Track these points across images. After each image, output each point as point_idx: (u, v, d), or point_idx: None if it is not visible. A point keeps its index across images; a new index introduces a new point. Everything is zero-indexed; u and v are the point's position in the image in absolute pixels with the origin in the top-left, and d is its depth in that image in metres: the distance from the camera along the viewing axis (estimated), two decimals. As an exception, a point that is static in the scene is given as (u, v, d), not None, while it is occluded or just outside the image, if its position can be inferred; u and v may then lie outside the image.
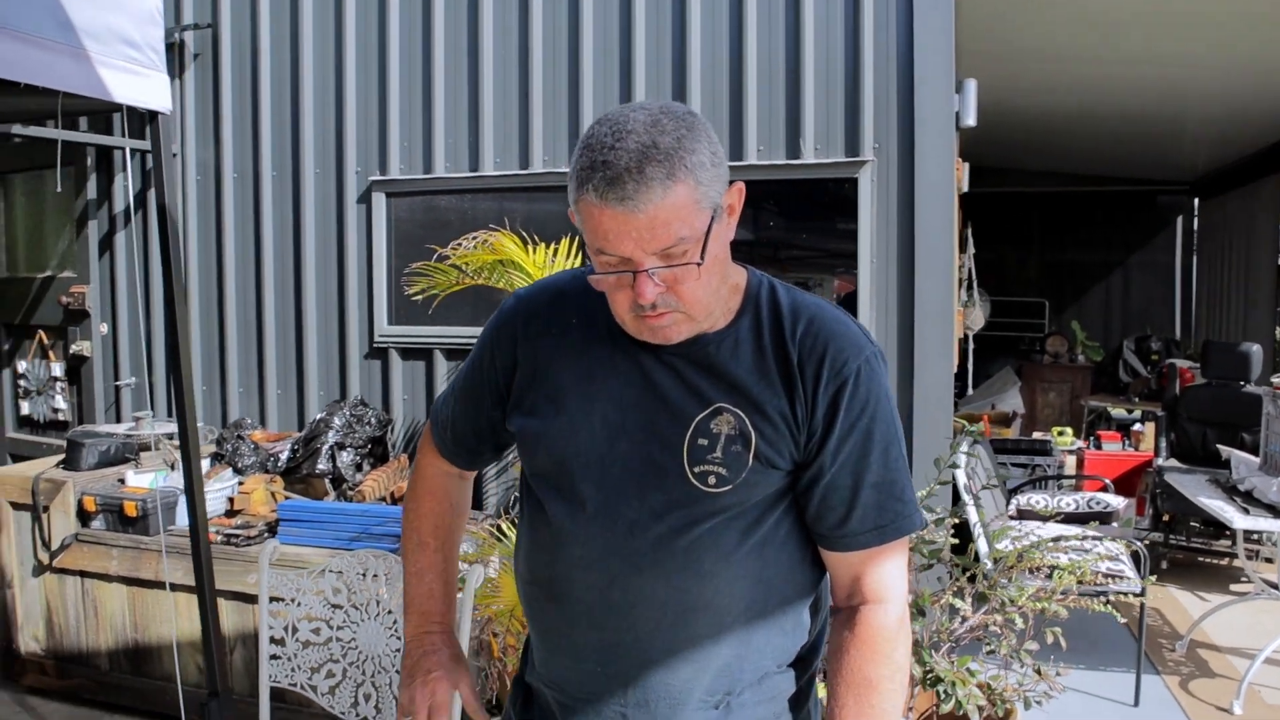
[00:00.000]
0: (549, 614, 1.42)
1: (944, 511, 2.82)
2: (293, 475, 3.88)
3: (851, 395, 1.32)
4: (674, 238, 1.22)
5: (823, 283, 3.92)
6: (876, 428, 1.34)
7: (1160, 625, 4.72)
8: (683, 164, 1.20)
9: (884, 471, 1.34)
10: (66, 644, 3.84)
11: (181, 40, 4.54)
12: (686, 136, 1.22)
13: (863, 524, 1.34)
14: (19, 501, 3.86)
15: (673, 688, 1.36)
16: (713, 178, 1.24)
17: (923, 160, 3.65)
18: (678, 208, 1.21)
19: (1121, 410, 7.66)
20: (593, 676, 1.38)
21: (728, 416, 1.32)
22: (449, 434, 1.60)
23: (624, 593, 1.34)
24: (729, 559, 1.33)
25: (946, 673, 2.41)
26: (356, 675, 2.48)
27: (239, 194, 4.53)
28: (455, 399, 1.58)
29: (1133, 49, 5.23)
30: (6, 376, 4.97)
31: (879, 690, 1.33)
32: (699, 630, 1.34)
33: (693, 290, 1.27)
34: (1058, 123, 7.23)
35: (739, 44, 3.82)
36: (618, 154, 1.19)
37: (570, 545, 1.37)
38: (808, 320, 1.36)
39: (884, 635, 1.34)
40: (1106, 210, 9.88)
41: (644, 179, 1.18)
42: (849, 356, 1.33)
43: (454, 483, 1.67)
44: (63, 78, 2.32)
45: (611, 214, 1.21)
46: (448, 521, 1.66)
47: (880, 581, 1.37)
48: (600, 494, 1.35)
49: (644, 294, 1.24)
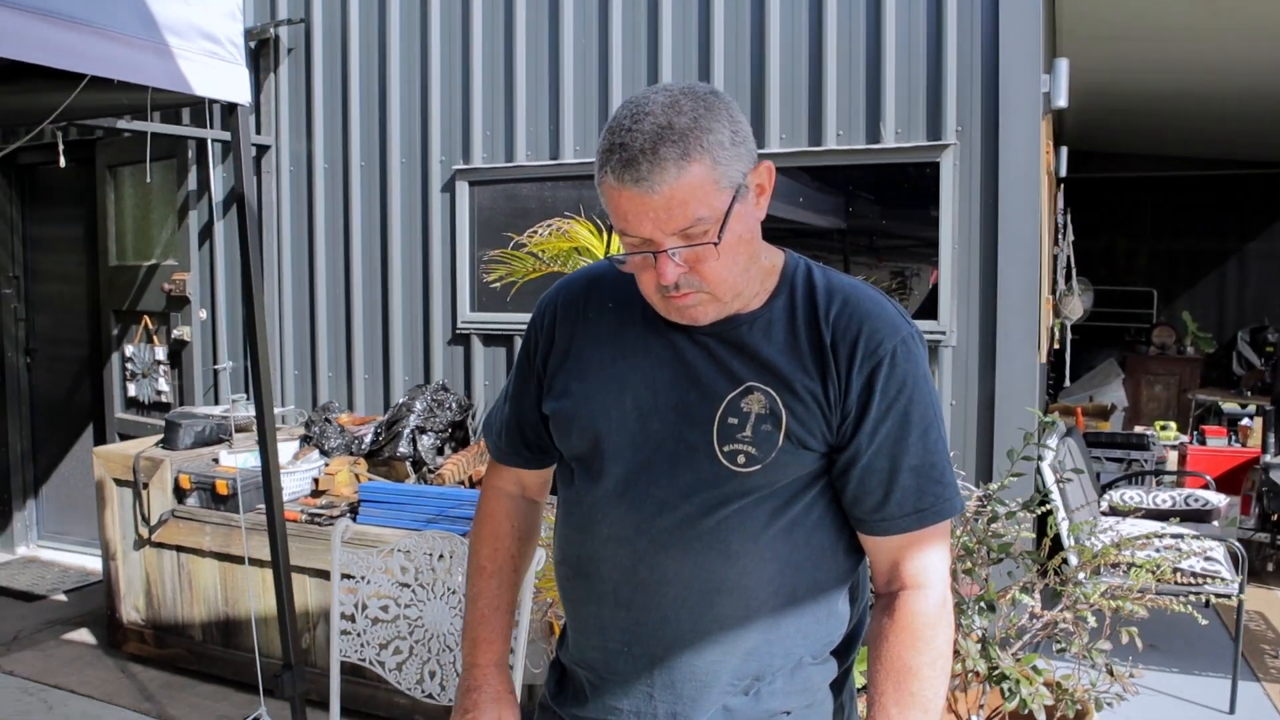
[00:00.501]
0: (579, 592, 1.44)
1: (1017, 505, 2.73)
2: (375, 458, 3.99)
3: (888, 376, 1.30)
4: (692, 218, 1.21)
5: (905, 269, 3.84)
6: (914, 409, 1.31)
7: (1263, 630, 4.50)
8: (698, 144, 1.20)
9: (923, 454, 1.32)
10: (164, 615, 4.03)
11: (276, 35, 4.69)
12: (704, 116, 1.21)
13: (901, 508, 1.32)
14: (121, 478, 4.07)
15: (699, 669, 1.35)
16: (733, 157, 1.23)
17: (1008, 143, 3.54)
18: (694, 187, 1.20)
19: (1233, 404, 7.32)
20: (619, 655, 1.39)
21: (759, 395, 1.31)
22: (503, 438, 1.59)
23: (651, 571, 1.34)
24: (756, 540, 1.33)
25: (1011, 670, 2.35)
26: (422, 653, 2.54)
27: (329, 184, 4.66)
28: (507, 402, 1.59)
29: (1247, 22, 4.97)
30: (115, 360, 5.23)
31: (919, 677, 1.30)
32: (725, 611, 1.34)
33: (715, 270, 1.26)
34: (1169, 104, 6.94)
35: (818, 25, 3.76)
36: (633, 135, 1.20)
37: (600, 524, 1.38)
38: (842, 300, 1.34)
39: (924, 621, 1.32)
40: (1222, 194, 9.43)
41: (658, 159, 1.19)
42: (884, 336, 1.31)
43: (517, 505, 1.64)
44: (147, 73, 2.42)
45: (629, 195, 1.21)
46: (506, 546, 1.61)
47: (920, 566, 1.34)
48: (630, 473, 1.36)
49: (665, 274, 1.24)
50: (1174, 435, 5.99)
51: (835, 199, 3.92)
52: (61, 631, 4.53)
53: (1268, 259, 9.44)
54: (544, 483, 1.65)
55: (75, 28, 2.20)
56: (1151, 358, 8.69)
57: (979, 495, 2.77)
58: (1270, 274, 9.43)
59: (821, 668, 1.41)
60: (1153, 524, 3.75)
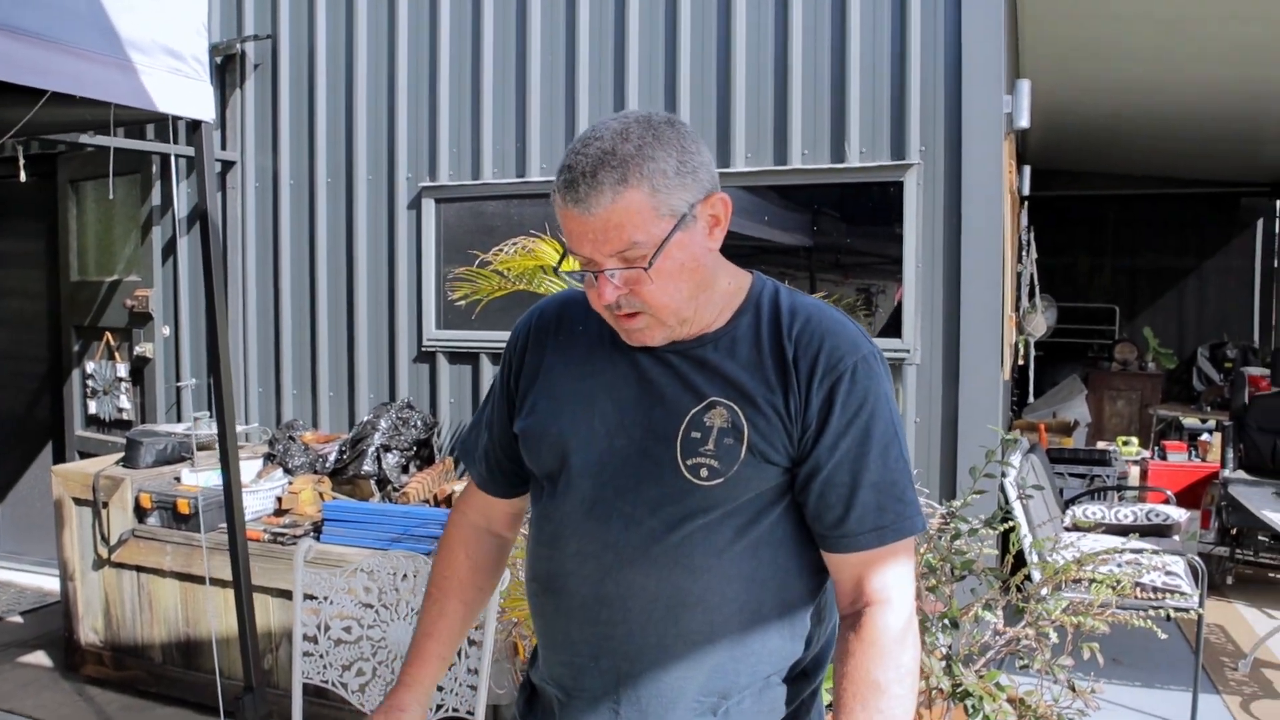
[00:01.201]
0: (548, 608, 1.44)
1: (979, 522, 2.75)
2: (340, 476, 3.95)
3: (849, 391, 1.32)
4: (627, 241, 1.25)
5: (870, 286, 3.87)
6: (875, 426, 1.33)
7: (1223, 643, 4.56)
8: (638, 171, 1.24)
9: (884, 471, 1.33)
10: (123, 636, 3.97)
11: (243, 51, 4.67)
12: (650, 145, 1.26)
13: (862, 524, 1.33)
14: (81, 497, 4.00)
15: (665, 685, 1.36)
16: (676, 186, 1.27)
17: (971, 163, 3.59)
18: (630, 212, 1.24)
19: (1194, 420, 7.42)
20: (587, 671, 1.40)
21: (721, 409, 1.34)
22: (483, 464, 1.60)
23: (616, 586, 1.35)
24: (720, 556, 1.34)
25: (975, 687, 2.36)
26: (386, 674, 2.52)
27: (295, 200, 4.64)
28: (484, 427, 1.60)
29: (1206, 46, 5.07)
30: (76, 377, 5.16)
31: (886, 694, 1.30)
32: (690, 626, 1.35)
33: (653, 295, 1.30)
34: (1130, 124, 7.05)
35: (784, 46, 3.80)
36: (579, 159, 1.25)
37: (568, 540, 1.40)
38: (805, 318, 1.37)
39: (890, 637, 1.32)
40: (1183, 213, 9.59)
41: (596, 183, 1.24)
42: (845, 352, 1.34)
43: (477, 535, 1.64)
44: (111, 89, 2.41)
45: (571, 215, 1.27)
46: (459, 577, 1.61)
47: (884, 583, 1.35)
48: (597, 489, 1.38)
49: (603, 294, 1.29)
50: (1136, 450, 6.07)
51: (801, 217, 3.95)
52: (17, 654, 4.44)
53: (1225, 275, 9.61)
54: (514, 516, 1.66)
55: (38, 43, 2.18)
56: (1114, 374, 8.80)
57: (942, 513, 2.79)
58: (1228, 291, 9.60)
59: (790, 688, 1.41)
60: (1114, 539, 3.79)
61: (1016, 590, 2.66)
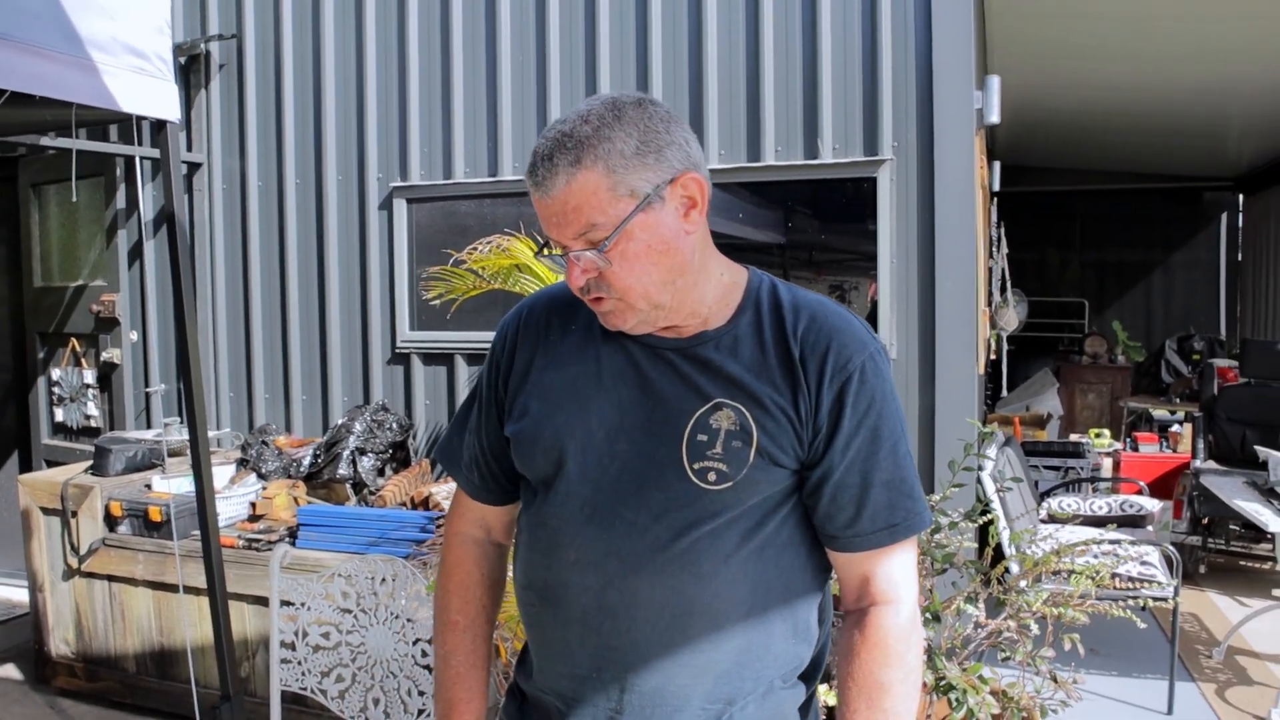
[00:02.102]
0: (544, 619, 1.40)
1: (959, 516, 2.76)
2: (314, 480, 3.91)
3: (858, 392, 1.30)
4: (585, 223, 1.24)
5: (844, 283, 3.88)
6: (884, 425, 1.32)
7: (1197, 631, 4.61)
8: (591, 151, 1.22)
9: (894, 469, 1.32)
10: (95, 647, 3.90)
11: (207, 51, 4.60)
12: (609, 126, 1.24)
13: (874, 523, 1.31)
14: (49, 507, 3.93)
15: (669, 694, 1.33)
16: (635, 166, 1.24)
17: (943, 159, 3.60)
18: (584, 193, 1.23)
19: (1163, 411, 7.50)
20: (588, 682, 1.36)
21: (728, 412, 1.30)
22: (474, 472, 1.53)
23: (620, 595, 1.31)
24: (728, 561, 1.31)
25: (958, 680, 2.36)
26: (366, 680, 2.49)
27: (264, 202, 4.58)
28: (471, 433, 1.53)
29: (1169, 44, 5.12)
30: (41, 384, 5.07)
31: (891, 693, 1.29)
32: (697, 634, 1.31)
33: (619, 278, 1.27)
34: (1096, 120, 7.11)
35: (755, 43, 3.79)
36: (541, 143, 1.26)
37: (567, 548, 1.35)
38: (810, 316, 1.34)
39: (896, 636, 1.31)
40: (1148, 208, 9.70)
41: (551, 165, 1.23)
42: (853, 352, 1.31)
43: (484, 551, 1.56)
44: (72, 89, 2.36)
45: (536, 199, 1.27)
46: (477, 597, 1.53)
47: (891, 581, 1.34)
48: (598, 495, 1.33)
49: (570, 278, 1.28)
50: (1108, 443, 6.12)
51: (774, 214, 3.95)
52: (-14, 667, 4.37)
53: (1191, 269, 9.73)
54: (510, 523, 1.59)
55: (-5, 42, 2.13)
56: (1084, 367, 8.89)
57: (922, 506, 2.79)
58: (1194, 284, 9.72)
59: (791, 692, 1.39)
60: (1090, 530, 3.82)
61: (997, 583, 2.67)
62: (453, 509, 1.59)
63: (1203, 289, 9.70)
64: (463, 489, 1.56)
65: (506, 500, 1.54)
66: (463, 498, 1.57)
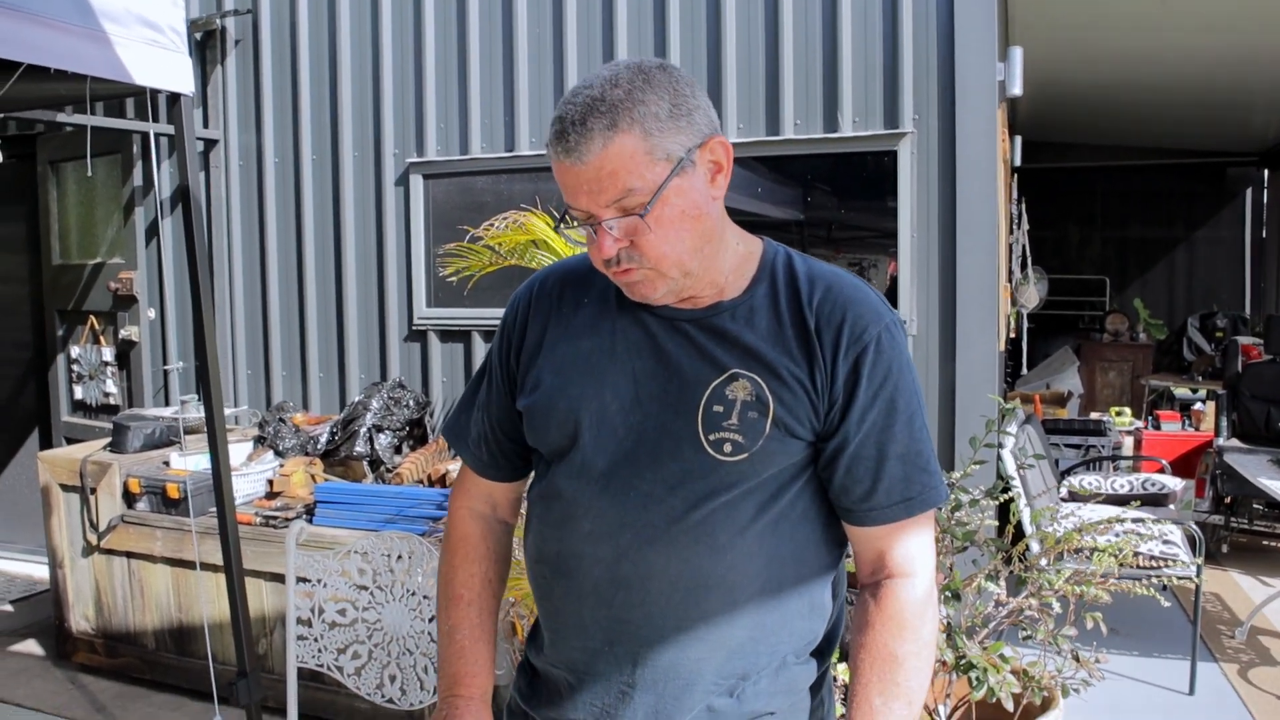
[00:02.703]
0: (556, 591, 1.38)
1: (980, 493, 2.73)
2: (331, 458, 3.91)
3: (874, 363, 1.29)
4: (622, 189, 1.21)
5: (863, 260, 3.83)
6: (900, 397, 1.30)
7: (1220, 611, 4.57)
8: (628, 115, 1.19)
9: (909, 442, 1.30)
10: (115, 623, 3.92)
11: (223, 26, 4.58)
12: (640, 89, 1.21)
13: (889, 496, 1.30)
14: (68, 483, 3.95)
15: (683, 667, 1.31)
16: (670, 129, 1.22)
17: (964, 132, 3.54)
18: (623, 158, 1.20)
19: (1185, 389, 7.43)
20: (600, 655, 1.35)
21: (744, 382, 1.29)
22: (481, 449, 1.50)
23: (634, 567, 1.30)
24: (744, 534, 1.29)
25: (978, 659, 2.34)
26: (382, 656, 2.49)
27: (280, 178, 4.56)
28: (479, 409, 1.51)
29: (1193, 14, 5.03)
30: (61, 362, 5.08)
31: (905, 666, 1.28)
32: (711, 607, 1.30)
33: (653, 244, 1.24)
34: (1119, 94, 7.01)
35: (775, 15, 3.74)
36: (569, 108, 1.21)
37: (580, 519, 1.34)
38: (825, 287, 1.33)
39: (911, 610, 1.30)
40: (1172, 184, 9.56)
41: (585, 130, 1.19)
42: (869, 323, 1.30)
43: (490, 526, 1.54)
44: (85, 61, 2.34)
45: (565, 167, 1.22)
46: (483, 570, 1.51)
47: (907, 555, 1.32)
48: (613, 466, 1.32)
49: (602, 248, 1.24)
50: (1129, 421, 6.06)
51: (793, 189, 3.90)
52: (7, 643, 4.40)
53: (1215, 246, 9.60)
54: (516, 500, 1.58)
55: (5, 13, 2.11)
56: (1105, 345, 8.80)
57: (943, 484, 2.76)
58: (1218, 261, 9.59)
59: (805, 666, 1.38)
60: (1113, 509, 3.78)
61: (1018, 561, 2.64)
62: (457, 486, 1.57)
63: (1226, 265, 9.57)
64: (469, 466, 1.54)
65: (514, 477, 1.53)
66: (468, 474, 1.55)
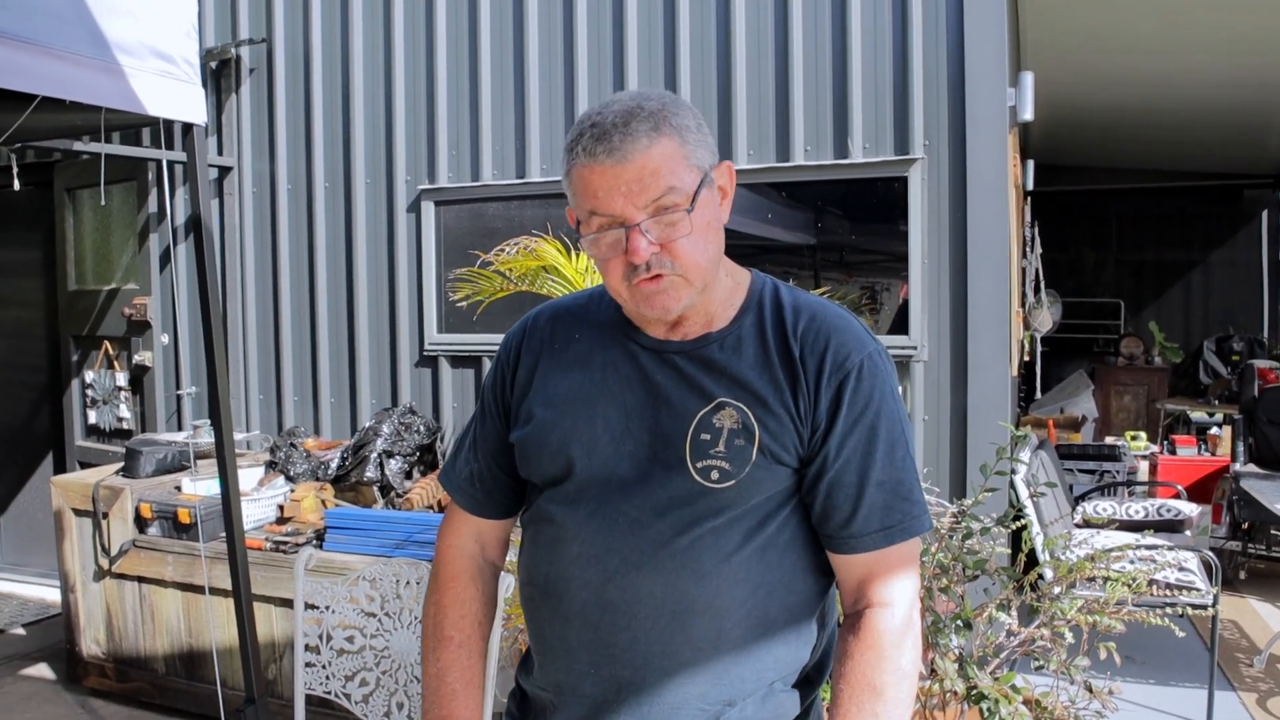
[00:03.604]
0: (544, 613, 1.39)
1: (991, 521, 2.71)
2: (342, 483, 3.91)
3: (855, 389, 1.31)
4: (663, 187, 1.23)
5: (875, 284, 3.83)
6: (881, 424, 1.32)
7: (1237, 639, 4.51)
8: (668, 121, 1.25)
9: (890, 470, 1.31)
10: (125, 648, 3.93)
11: (238, 55, 4.63)
12: (671, 104, 1.27)
13: (868, 524, 1.31)
14: (81, 508, 3.97)
15: (667, 693, 1.32)
16: (698, 141, 1.28)
17: (975, 158, 3.54)
18: (665, 157, 1.24)
19: (1201, 413, 7.37)
20: (586, 678, 1.35)
21: (730, 411, 1.31)
22: (477, 488, 1.51)
23: (621, 591, 1.31)
24: (730, 560, 1.30)
25: (989, 689, 2.32)
26: (389, 684, 2.48)
27: (293, 205, 4.60)
28: (472, 449, 1.52)
29: (1206, 36, 5.02)
30: (75, 386, 5.12)
31: (884, 697, 1.28)
32: (696, 633, 1.31)
33: (687, 250, 1.27)
34: (1132, 116, 7.00)
35: (784, 41, 3.76)
36: (604, 115, 1.25)
37: (570, 543, 1.35)
38: (810, 316, 1.36)
39: (888, 639, 1.30)
40: (1187, 206, 9.53)
41: (630, 131, 1.23)
42: (851, 351, 1.32)
43: (478, 566, 1.53)
44: (99, 93, 2.36)
45: (601, 170, 1.23)
46: (473, 612, 1.50)
47: (887, 584, 1.33)
48: (603, 493, 1.34)
49: (638, 251, 1.24)
50: (1145, 445, 6.02)
51: (804, 215, 3.91)
52: (19, 666, 4.41)
53: (1230, 268, 9.55)
54: (504, 541, 1.57)
55: (22, 47, 2.14)
56: (1120, 368, 8.75)
57: (953, 511, 2.74)
58: (1234, 284, 9.54)
59: (792, 694, 1.38)
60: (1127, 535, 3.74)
61: (1030, 589, 2.61)
62: (445, 524, 1.56)
63: (1243, 288, 9.51)
64: (460, 505, 1.54)
65: (503, 514, 1.53)
66: (457, 512, 1.55)
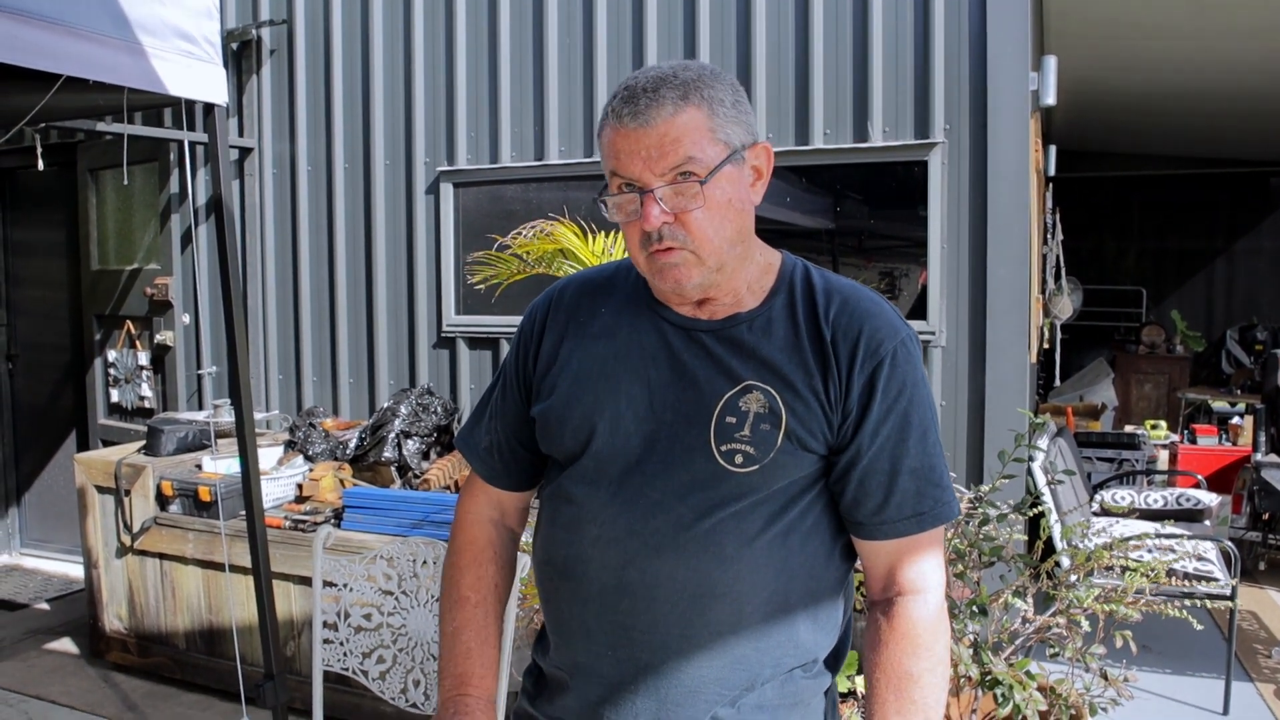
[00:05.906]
0: (563, 594, 1.39)
1: (1009, 508, 2.70)
2: (360, 463, 3.94)
3: (889, 377, 1.29)
4: (682, 155, 1.23)
5: (894, 269, 3.81)
6: (914, 411, 1.31)
7: (1256, 629, 4.49)
8: (698, 93, 1.24)
9: (922, 457, 1.31)
10: (147, 623, 3.98)
11: (258, 37, 4.64)
12: (708, 76, 1.26)
13: (900, 511, 1.30)
14: (103, 485, 4.01)
15: (686, 676, 1.31)
16: (732, 119, 1.26)
17: (996, 142, 3.52)
18: (688, 127, 1.23)
19: (1223, 403, 7.30)
20: (603, 660, 1.35)
21: (757, 394, 1.30)
22: (495, 458, 1.51)
23: (640, 574, 1.30)
24: (751, 545, 1.29)
25: (1004, 675, 2.32)
26: (406, 661, 2.50)
27: (313, 186, 4.61)
28: (491, 418, 1.52)
29: (1234, 21, 4.96)
30: (98, 365, 5.17)
31: (920, 684, 1.28)
32: (716, 617, 1.30)
33: (699, 224, 1.25)
34: (1156, 102, 6.93)
35: (805, 24, 3.73)
36: (638, 80, 1.25)
37: (589, 524, 1.34)
38: (842, 300, 1.34)
39: (923, 627, 1.30)
40: (1211, 193, 9.43)
41: (657, 97, 1.23)
42: (885, 337, 1.31)
43: (498, 532, 1.54)
44: (121, 73, 2.38)
45: (625, 132, 1.24)
46: (490, 574, 1.50)
47: (918, 571, 1.32)
48: (624, 473, 1.33)
49: (649, 218, 1.24)
50: (1165, 434, 5.98)
51: (823, 199, 3.89)
52: (43, 641, 4.47)
53: (1255, 257, 9.44)
54: (524, 509, 1.58)
55: (46, 27, 2.16)
56: (1141, 357, 8.68)
57: (970, 497, 2.73)
58: (1258, 272, 9.44)
59: (809, 679, 1.37)
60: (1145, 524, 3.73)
61: (1047, 577, 2.61)
62: (465, 491, 1.57)
63: (1267, 277, 9.41)
64: (479, 474, 1.55)
65: (523, 486, 1.53)
66: (477, 482, 1.56)
